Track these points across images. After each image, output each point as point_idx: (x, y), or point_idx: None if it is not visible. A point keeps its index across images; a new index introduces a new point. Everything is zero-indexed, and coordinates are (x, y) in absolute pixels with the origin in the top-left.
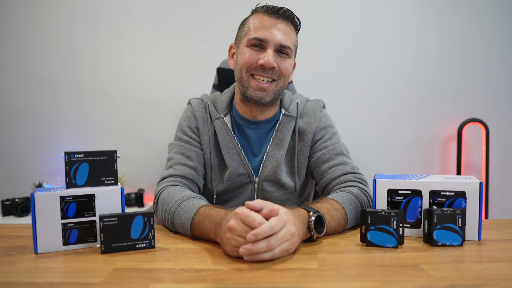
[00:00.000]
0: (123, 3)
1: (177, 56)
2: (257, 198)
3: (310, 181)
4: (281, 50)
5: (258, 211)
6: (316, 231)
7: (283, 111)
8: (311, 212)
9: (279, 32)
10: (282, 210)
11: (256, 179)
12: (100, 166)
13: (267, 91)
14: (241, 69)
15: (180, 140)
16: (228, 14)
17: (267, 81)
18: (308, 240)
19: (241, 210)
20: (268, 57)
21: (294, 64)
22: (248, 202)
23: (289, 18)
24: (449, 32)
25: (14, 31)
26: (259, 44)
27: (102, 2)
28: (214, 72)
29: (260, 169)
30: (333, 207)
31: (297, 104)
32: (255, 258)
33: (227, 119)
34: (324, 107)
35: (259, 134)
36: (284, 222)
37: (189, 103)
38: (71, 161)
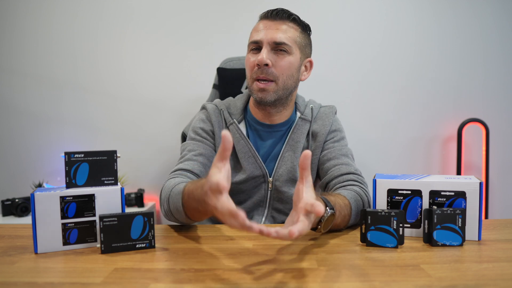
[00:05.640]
0: (124, 3)
1: (178, 56)
2: (271, 197)
3: (318, 182)
4: (278, 48)
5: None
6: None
7: (298, 114)
8: (328, 208)
9: (273, 31)
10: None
11: (270, 179)
12: (100, 166)
13: (267, 91)
14: (247, 74)
15: (194, 140)
16: (228, 14)
17: (265, 82)
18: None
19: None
20: (262, 55)
21: (310, 62)
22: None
23: (283, 16)
24: (449, 32)
25: (15, 31)
26: (257, 47)
27: (103, 3)
28: (215, 72)
29: (274, 169)
30: (343, 202)
31: (311, 109)
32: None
33: (242, 125)
34: (336, 112)
35: (275, 137)
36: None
37: (203, 107)
38: (71, 161)
